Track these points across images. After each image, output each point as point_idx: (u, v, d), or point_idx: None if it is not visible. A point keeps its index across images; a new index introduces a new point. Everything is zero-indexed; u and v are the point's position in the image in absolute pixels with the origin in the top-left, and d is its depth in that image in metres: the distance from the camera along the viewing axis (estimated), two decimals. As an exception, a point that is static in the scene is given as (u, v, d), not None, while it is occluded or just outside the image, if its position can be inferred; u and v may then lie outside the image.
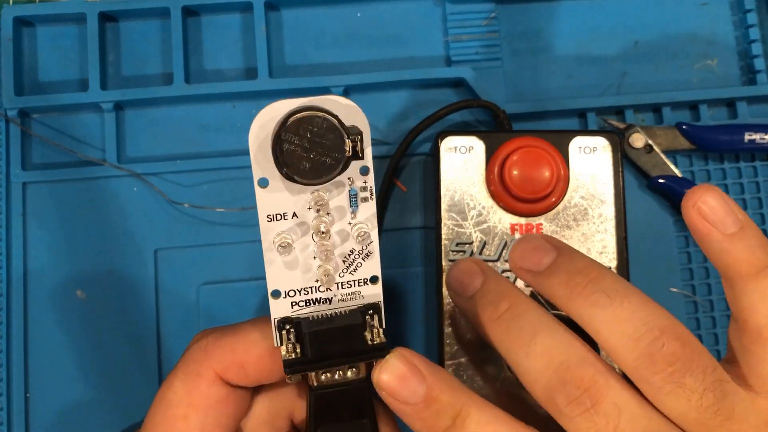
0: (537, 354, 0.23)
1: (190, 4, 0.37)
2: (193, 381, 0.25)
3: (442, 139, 0.32)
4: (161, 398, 0.25)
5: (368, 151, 0.23)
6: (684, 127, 0.36)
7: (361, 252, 0.24)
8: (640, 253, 0.36)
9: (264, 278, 0.23)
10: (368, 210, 0.24)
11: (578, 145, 0.31)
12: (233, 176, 0.36)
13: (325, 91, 0.36)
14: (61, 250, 0.36)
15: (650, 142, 0.36)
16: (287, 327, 0.24)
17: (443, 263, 0.31)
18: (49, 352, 0.35)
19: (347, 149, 0.22)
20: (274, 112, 0.22)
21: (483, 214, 0.31)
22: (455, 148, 0.32)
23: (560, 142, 0.31)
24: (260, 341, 0.25)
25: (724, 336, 0.36)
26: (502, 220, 0.31)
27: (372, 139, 0.26)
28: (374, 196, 0.24)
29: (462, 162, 0.31)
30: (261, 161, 0.23)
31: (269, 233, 0.23)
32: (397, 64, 0.38)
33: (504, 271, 0.31)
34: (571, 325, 0.24)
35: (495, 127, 0.36)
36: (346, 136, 0.22)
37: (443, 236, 0.31)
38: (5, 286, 0.35)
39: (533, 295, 0.29)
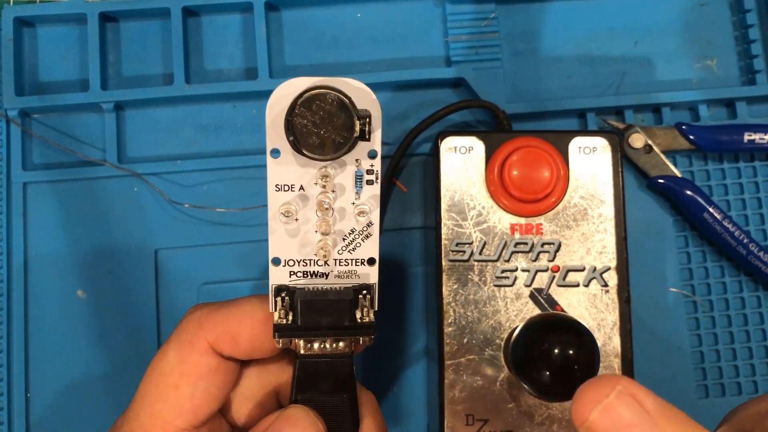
0: None
1: (190, 5, 0.37)
2: (185, 350, 0.26)
3: (442, 139, 0.32)
4: (154, 367, 0.26)
5: (377, 135, 0.24)
6: (683, 127, 0.36)
7: (361, 232, 0.25)
8: (640, 253, 0.36)
9: (264, 279, 0.23)
10: (372, 192, 0.25)
11: (578, 146, 0.31)
12: (233, 176, 0.36)
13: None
14: (61, 250, 0.36)
15: (650, 142, 0.36)
16: (282, 294, 0.25)
17: (443, 263, 0.31)
18: (50, 351, 0.35)
19: (356, 129, 0.23)
20: (291, 87, 0.23)
21: (483, 214, 0.31)
22: (455, 148, 0.32)
23: (560, 142, 0.31)
24: (253, 314, 0.26)
25: (723, 336, 0.36)
26: (502, 220, 0.31)
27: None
28: (379, 180, 0.25)
29: (462, 162, 0.31)
30: (274, 133, 0.24)
31: (275, 202, 0.25)
32: (397, 64, 0.38)
33: (504, 270, 0.31)
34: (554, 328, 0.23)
35: (495, 127, 0.36)
36: (356, 117, 0.23)
37: (443, 236, 0.31)
38: (6, 286, 0.35)
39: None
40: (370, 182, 0.25)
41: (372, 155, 0.25)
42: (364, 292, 0.26)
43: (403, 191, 0.37)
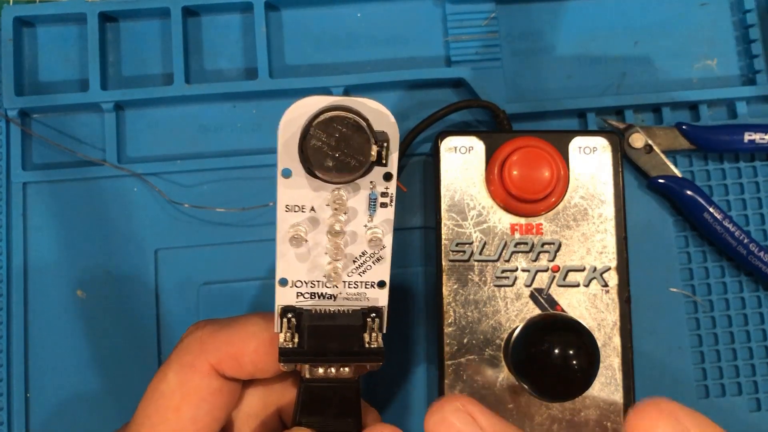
0: None
1: (190, 4, 0.37)
2: (186, 373, 0.25)
3: (442, 139, 0.32)
4: (154, 389, 0.25)
5: (393, 158, 0.23)
6: (684, 127, 0.36)
7: (372, 255, 0.25)
8: (640, 253, 0.36)
9: (264, 279, 0.23)
10: (385, 215, 0.24)
11: (578, 145, 0.31)
12: (233, 176, 0.36)
13: (325, 91, 0.37)
14: (61, 250, 0.36)
15: (650, 142, 0.36)
16: (289, 315, 0.25)
17: (443, 263, 0.31)
18: (50, 351, 0.35)
19: (372, 154, 0.22)
20: (307, 106, 0.22)
21: (483, 214, 0.31)
22: (455, 148, 0.32)
23: (560, 142, 0.31)
24: (257, 334, 0.26)
25: (724, 336, 0.36)
26: (502, 220, 0.31)
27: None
28: (393, 203, 0.24)
29: (462, 162, 0.31)
30: (287, 152, 0.23)
31: (285, 223, 0.24)
32: (397, 64, 0.38)
33: (504, 270, 0.31)
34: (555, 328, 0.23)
35: (495, 127, 0.36)
36: (373, 141, 0.22)
37: (443, 236, 0.31)
38: (5, 286, 0.35)
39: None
40: (384, 205, 0.24)
41: (387, 178, 0.24)
42: (373, 315, 0.25)
43: (403, 191, 0.37)
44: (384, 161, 0.22)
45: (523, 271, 0.31)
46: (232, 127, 0.37)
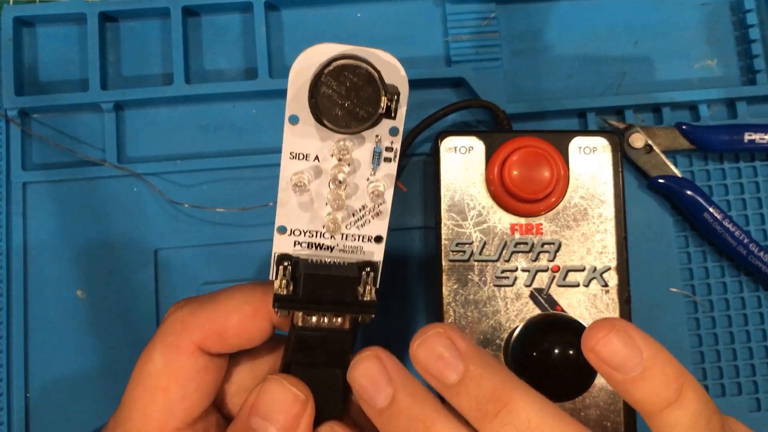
0: None
1: (190, 4, 0.37)
2: (171, 353, 0.25)
3: (442, 139, 0.32)
4: (140, 371, 0.26)
5: (401, 112, 0.23)
6: (684, 127, 0.36)
7: (372, 209, 0.25)
8: (640, 253, 0.36)
9: (263, 279, 0.23)
10: (388, 170, 0.24)
11: (578, 145, 0.31)
12: (233, 176, 0.36)
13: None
14: (61, 250, 0.36)
15: (650, 142, 0.36)
16: (285, 263, 0.25)
17: (443, 263, 0.31)
18: (50, 351, 0.35)
19: (382, 105, 0.22)
20: (319, 53, 0.22)
21: (483, 214, 0.31)
22: (455, 148, 0.32)
23: (560, 142, 0.31)
24: (238, 308, 0.26)
25: (723, 336, 0.36)
26: (502, 220, 0.31)
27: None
28: (397, 158, 0.24)
29: (462, 162, 0.31)
30: (295, 99, 0.23)
31: (288, 170, 0.24)
32: (397, 64, 0.38)
33: (504, 270, 0.31)
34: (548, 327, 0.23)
35: (495, 127, 0.36)
36: (383, 93, 0.22)
37: (443, 236, 0.31)
38: (5, 286, 0.35)
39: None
40: (387, 159, 0.24)
41: (393, 132, 0.24)
42: (368, 269, 0.25)
43: (403, 191, 0.37)
44: (393, 114, 0.22)
45: (523, 271, 0.31)
46: (232, 127, 0.37)
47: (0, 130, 0.37)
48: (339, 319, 0.25)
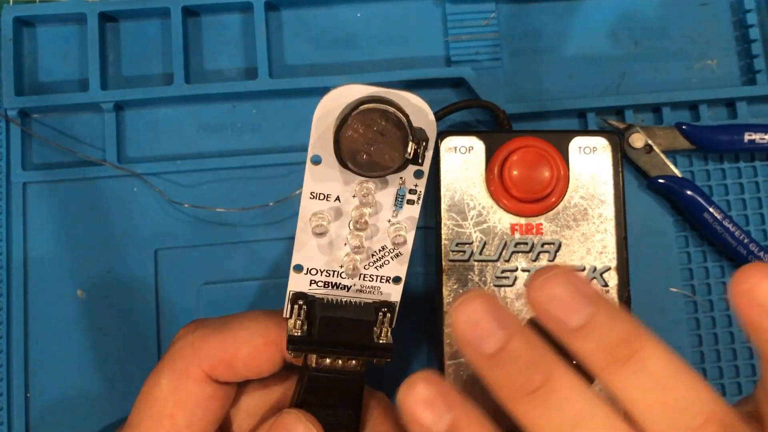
0: None
1: (190, 4, 0.37)
2: (179, 379, 0.25)
3: (442, 139, 0.32)
4: (147, 394, 0.25)
5: (428, 157, 0.22)
6: (684, 127, 0.36)
7: (392, 251, 0.24)
8: (640, 253, 0.36)
9: (264, 278, 0.23)
10: (411, 212, 0.24)
11: (578, 145, 0.31)
12: (233, 176, 0.36)
13: (325, 91, 0.36)
14: (61, 250, 0.36)
15: (650, 142, 0.36)
16: (300, 302, 0.24)
17: (443, 263, 0.31)
18: (50, 351, 0.35)
19: (409, 151, 0.21)
20: (346, 94, 0.22)
21: (483, 214, 0.31)
22: (455, 148, 0.32)
23: (560, 142, 0.31)
24: (249, 340, 0.25)
25: (724, 335, 0.36)
26: (502, 220, 0.31)
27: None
28: (420, 201, 0.24)
29: (462, 162, 0.31)
30: (319, 141, 0.22)
31: (308, 210, 0.23)
32: (397, 64, 0.38)
33: (505, 270, 0.31)
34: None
35: (495, 127, 0.36)
36: (411, 138, 0.21)
37: (443, 236, 0.31)
38: (5, 286, 0.35)
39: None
40: (410, 202, 0.24)
41: (418, 175, 0.23)
42: (385, 309, 0.24)
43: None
44: (420, 160, 0.21)
45: (523, 271, 0.31)
46: (232, 127, 0.37)
47: (0, 130, 0.37)
48: (353, 362, 0.25)
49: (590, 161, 0.31)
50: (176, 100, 0.37)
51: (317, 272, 0.24)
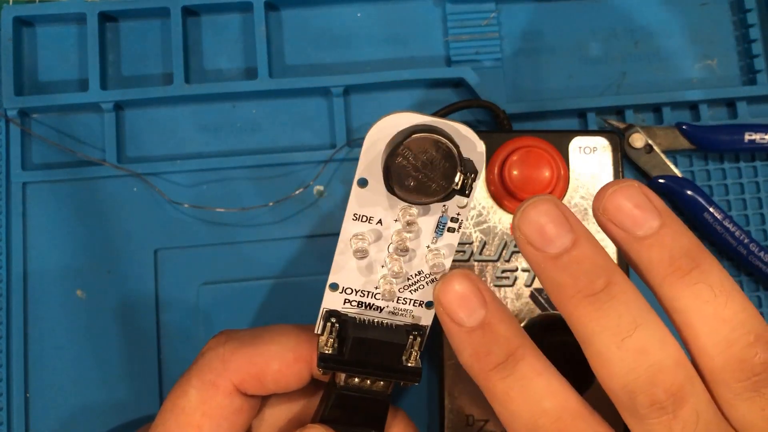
0: (631, 348, 0.20)
1: (190, 4, 0.37)
2: (208, 391, 0.25)
3: (442, 139, 0.32)
4: (174, 404, 0.25)
5: (475, 188, 0.22)
6: (684, 127, 0.36)
7: (428, 276, 0.24)
8: (640, 253, 0.36)
9: (264, 278, 0.23)
10: (451, 240, 0.24)
11: (578, 145, 0.31)
12: (233, 176, 0.36)
13: (324, 91, 0.37)
14: (61, 250, 0.36)
15: (650, 142, 0.36)
16: (332, 320, 0.24)
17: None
18: (49, 352, 0.35)
19: (457, 182, 0.21)
20: (396, 124, 0.22)
21: (483, 214, 0.31)
22: (455, 148, 0.32)
23: (560, 142, 0.31)
24: (279, 355, 0.25)
25: (724, 336, 0.36)
26: (502, 220, 0.31)
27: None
28: (461, 229, 0.24)
29: (462, 162, 0.31)
30: (368, 165, 0.22)
31: (349, 232, 0.24)
32: (397, 64, 0.38)
33: (505, 270, 0.31)
34: None
35: (495, 127, 0.36)
36: (459, 170, 0.21)
37: (443, 236, 0.31)
38: (5, 286, 0.35)
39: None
40: (451, 230, 0.24)
41: (461, 204, 0.23)
42: (415, 333, 0.25)
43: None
44: (467, 191, 0.22)
45: (523, 271, 0.31)
46: (232, 127, 0.37)
47: (0, 130, 0.37)
48: (381, 383, 0.25)
49: (590, 161, 0.31)
50: (176, 100, 0.37)
51: (352, 291, 0.25)
